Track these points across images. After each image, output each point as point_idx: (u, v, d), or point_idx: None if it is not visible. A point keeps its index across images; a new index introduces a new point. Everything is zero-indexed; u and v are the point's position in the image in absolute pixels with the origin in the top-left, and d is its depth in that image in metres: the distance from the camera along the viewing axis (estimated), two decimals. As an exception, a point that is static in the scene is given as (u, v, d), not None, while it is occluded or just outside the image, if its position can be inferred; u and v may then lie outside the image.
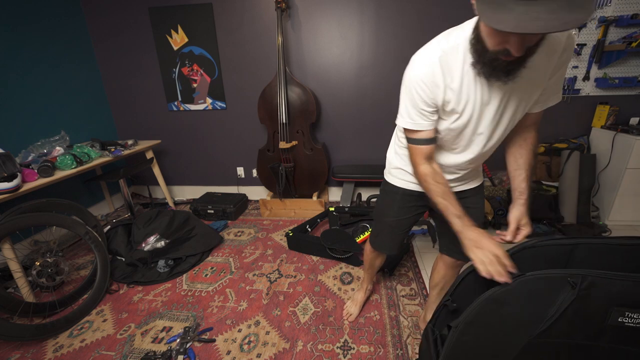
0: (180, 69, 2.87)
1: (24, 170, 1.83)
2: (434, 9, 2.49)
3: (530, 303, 0.72)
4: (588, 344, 0.71)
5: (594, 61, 2.44)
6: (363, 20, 2.58)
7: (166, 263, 2.06)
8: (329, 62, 2.73)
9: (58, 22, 2.59)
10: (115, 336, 1.58)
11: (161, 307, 1.78)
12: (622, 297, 0.66)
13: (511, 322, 0.73)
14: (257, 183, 3.17)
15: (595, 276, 0.66)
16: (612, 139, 2.36)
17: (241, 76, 2.86)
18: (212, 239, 2.34)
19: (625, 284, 0.65)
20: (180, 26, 2.75)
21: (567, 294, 0.68)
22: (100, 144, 2.42)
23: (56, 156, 2.07)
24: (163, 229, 2.26)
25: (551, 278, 0.69)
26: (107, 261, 1.91)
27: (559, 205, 2.41)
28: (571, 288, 0.68)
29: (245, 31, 2.72)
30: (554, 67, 0.80)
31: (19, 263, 1.68)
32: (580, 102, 2.59)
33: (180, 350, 1.45)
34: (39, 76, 2.44)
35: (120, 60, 2.94)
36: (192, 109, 3.01)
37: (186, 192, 3.39)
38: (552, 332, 0.71)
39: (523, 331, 0.72)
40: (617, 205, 2.39)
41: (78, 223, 1.84)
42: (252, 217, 2.90)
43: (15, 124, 2.28)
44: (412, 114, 0.89)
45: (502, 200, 2.53)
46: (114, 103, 3.11)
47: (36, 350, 1.51)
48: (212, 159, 3.21)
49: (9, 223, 1.56)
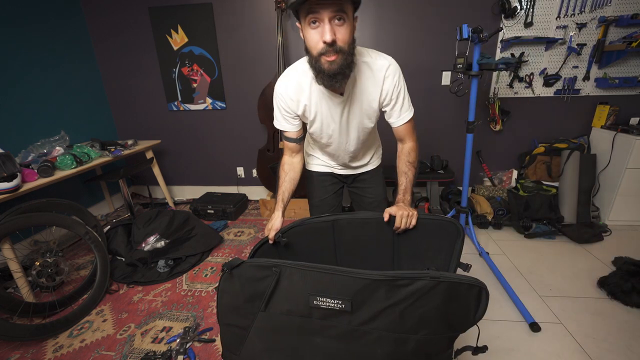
0: (180, 69, 2.87)
1: (24, 170, 1.83)
2: (434, 9, 2.49)
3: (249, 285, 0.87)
4: (305, 320, 0.84)
5: (594, 61, 2.44)
6: (363, 20, 2.58)
7: (166, 263, 2.06)
8: (329, 62, 2.73)
9: (58, 22, 2.59)
10: (115, 336, 1.58)
11: (161, 307, 1.77)
12: (314, 285, 0.80)
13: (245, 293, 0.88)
14: (257, 183, 3.17)
15: (293, 267, 0.81)
16: (612, 139, 2.36)
17: (241, 76, 2.86)
18: (212, 239, 2.34)
19: (315, 274, 0.79)
20: (180, 26, 2.75)
21: (272, 279, 0.84)
22: (100, 144, 2.42)
23: (56, 156, 2.07)
24: (163, 229, 2.26)
25: (262, 266, 0.84)
26: (107, 261, 1.91)
27: (559, 205, 2.41)
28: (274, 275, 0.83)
29: (245, 31, 2.72)
30: (383, 91, 1.08)
31: (19, 263, 1.68)
32: (580, 102, 2.59)
33: (180, 350, 1.44)
34: (39, 76, 2.44)
35: (120, 60, 2.94)
36: (192, 109, 3.01)
37: (186, 192, 3.39)
38: (273, 308, 0.86)
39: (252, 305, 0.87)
40: (617, 205, 2.39)
41: (78, 223, 1.84)
42: (252, 217, 2.90)
43: (15, 124, 2.28)
44: (279, 118, 1.16)
45: (502, 200, 2.53)
46: (114, 103, 3.11)
47: (36, 350, 1.51)
48: (212, 159, 3.21)
49: (9, 223, 1.56)
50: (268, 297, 0.85)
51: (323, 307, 0.81)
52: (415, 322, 0.79)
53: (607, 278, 1.76)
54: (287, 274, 0.83)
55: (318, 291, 0.80)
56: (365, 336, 0.82)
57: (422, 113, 2.78)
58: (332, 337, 0.85)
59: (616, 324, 1.52)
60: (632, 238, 2.27)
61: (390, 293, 0.77)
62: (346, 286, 0.78)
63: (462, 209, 2.20)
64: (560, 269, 1.96)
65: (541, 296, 1.74)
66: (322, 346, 0.87)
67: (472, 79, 1.91)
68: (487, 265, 1.99)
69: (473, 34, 1.76)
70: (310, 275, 0.81)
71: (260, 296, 0.86)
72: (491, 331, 1.50)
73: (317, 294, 0.80)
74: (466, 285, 0.76)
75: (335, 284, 0.79)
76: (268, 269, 0.83)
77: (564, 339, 1.45)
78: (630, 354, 1.36)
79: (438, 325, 0.80)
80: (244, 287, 0.88)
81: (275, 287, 0.84)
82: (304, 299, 0.82)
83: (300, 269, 0.81)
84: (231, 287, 0.90)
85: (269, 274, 0.83)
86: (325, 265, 0.80)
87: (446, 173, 2.64)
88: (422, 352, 0.82)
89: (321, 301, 0.80)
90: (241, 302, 0.89)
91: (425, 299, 0.77)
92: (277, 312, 0.86)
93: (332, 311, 0.81)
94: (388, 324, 0.80)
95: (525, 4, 2.38)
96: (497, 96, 2.62)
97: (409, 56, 2.63)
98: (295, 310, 0.84)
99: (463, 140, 2.08)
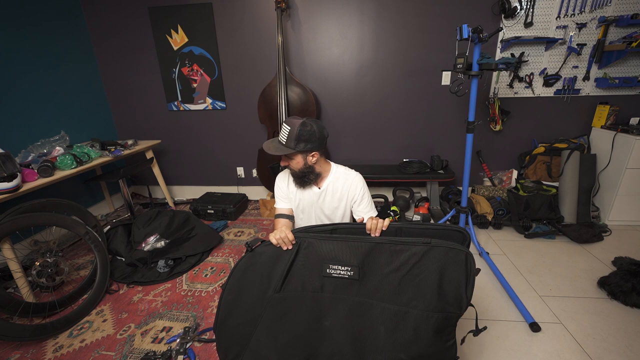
0: (180, 68, 2.87)
1: (24, 170, 1.83)
2: (434, 9, 2.49)
3: (266, 265, 1.00)
4: (317, 296, 0.97)
5: (594, 61, 2.44)
6: (363, 20, 2.58)
7: (166, 263, 2.06)
8: (329, 61, 2.73)
9: (58, 22, 2.58)
10: (115, 336, 1.58)
11: (161, 307, 1.77)
12: (328, 254, 0.96)
13: (257, 281, 1.00)
14: (257, 183, 3.17)
15: (311, 238, 0.97)
16: (612, 139, 2.36)
17: (241, 76, 2.86)
18: (212, 239, 2.34)
19: (328, 244, 0.96)
20: (180, 26, 2.75)
21: (291, 252, 0.97)
22: (100, 144, 2.42)
23: (56, 156, 2.06)
24: (163, 229, 2.26)
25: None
26: (107, 261, 1.91)
27: (559, 205, 2.41)
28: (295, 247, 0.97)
29: (245, 31, 2.72)
30: (349, 197, 1.44)
31: (19, 263, 1.67)
32: (580, 102, 2.59)
33: (180, 350, 1.44)
34: (39, 76, 2.44)
35: (120, 60, 2.93)
36: (192, 108, 3.01)
37: (186, 192, 3.39)
38: (289, 287, 0.98)
39: (266, 287, 0.99)
40: (617, 205, 2.39)
41: (78, 223, 1.83)
42: (252, 217, 2.90)
43: (15, 124, 2.28)
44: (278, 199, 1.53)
45: (502, 200, 2.53)
46: (114, 103, 3.11)
47: (36, 350, 1.51)
48: (212, 159, 3.21)
49: (9, 223, 1.56)
50: (286, 272, 0.97)
51: (335, 276, 0.95)
52: (413, 292, 0.92)
53: (608, 278, 1.76)
54: (305, 245, 0.98)
55: (331, 259, 0.95)
56: (370, 311, 0.94)
57: (422, 113, 2.79)
58: (340, 316, 0.96)
59: (616, 324, 1.52)
60: (632, 238, 2.27)
61: (390, 259, 0.93)
62: (355, 251, 0.94)
63: (462, 209, 2.20)
64: (560, 269, 1.96)
65: (541, 296, 1.74)
66: (330, 329, 0.97)
67: (472, 79, 1.91)
68: (487, 265, 1.99)
69: (473, 34, 1.75)
70: (325, 245, 0.96)
71: (277, 276, 0.98)
72: (491, 331, 1.50)
73: (330, 262, 0.94)
74: (455, 251, 0.89)
75: (346, 251, 0.95)
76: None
77: (564, 339, 1.45)
78: (630, 354, 1.36)
79: (433, 297, 0.90)
80: (263, 267, 1.00)
81: (294, 259, 0.97)
82: (319, 267, 0.96)
83: (317, 239, 0.96)
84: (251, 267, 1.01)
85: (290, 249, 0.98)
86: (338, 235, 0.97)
87: (446, 173, 2.64)
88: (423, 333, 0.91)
89: (333, 269, 0.94)
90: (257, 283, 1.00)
91: (420, 266, 0.91)
92: (292, 290, 0.98)
93: (342, 281, 0.95)
94: (389, 294, 0.93)
95: (525, 4, 2.38)
96: (497, 96, 2.62)
97: (409, 56, 2.63)
98: (309, 284, 0.97)
99: (463, 140, 2.08)
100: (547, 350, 1.40)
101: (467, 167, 2.09)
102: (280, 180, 1.53)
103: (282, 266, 0.97)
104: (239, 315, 1.02)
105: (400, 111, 2.79)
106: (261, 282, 0.99)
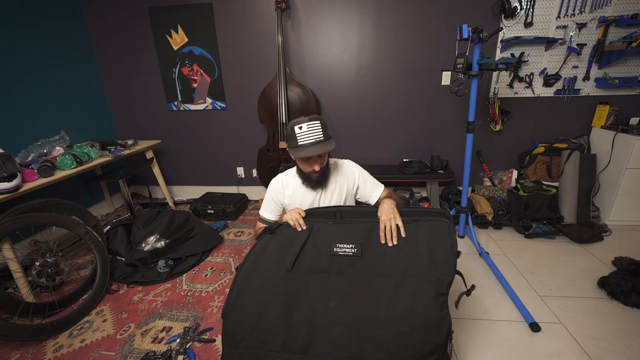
0: (180, 68, 2.87)
1: (24, 170, 1.83)
2: (434, 9, 2.49)
3: (282, 245, 1.16)
4: (324, 277, 1.10)
5: (594, 61, 2.44)
6: (363, 20, 2.58)
7: (166, 263, 2.06)
8: (329, 61, 2.73)
9: (58, 22, 2.59)
10: (115, 336, 1.58)
11: (161, 307, 1.77)
12: (334, 235, 1.13)
13: (272, 259, 1.15)
14: (257, 183, 3.17)
15: (320, 223, 1.17)
16: (612, 139, 2.36)
17: (241, 76, 2.86)
18: (212, 239, 2.34)
19: (334, 227, 1.15)
20: (180, 26, 2.75)
21: (303, 235, 1.14)
22: (100, 144, 2.42)
23: (56, 156, 2.06)
24: (163, 229, 2.26)
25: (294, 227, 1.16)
26: (107, 261, 1.91)
27: (559, 205, 2.41)
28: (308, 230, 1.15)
29: (245, 31, 2.72)
30: (349, 186, 1.44)
31: (19, 263, 1.68)
32: (580, 102, 2.59)
33: (180, 350, 1.44)
34: (39, 76, 2.44)
35: (120, 60, 2.93)
36: (192, 108, 3.01)
37: (186, 192, 3.39)
38: (300, 268, 1.12)
39: (279, 266, 1.13)
40: (617, 205, 2.39)
41: (78, 223, 1.83)
42: (252, 217, 2.90)
43: (15, 124, 2.28)
44: (265, 208, 1.47)
45: (502, 200, 2.53)
46: (114, 103, 3.11)
47: (36, 350, 1.51)
48: (212, 159, 3.21)
49: (9, 223, 1.56)
50: (298, 252, 1.12)
51: (340, 254, 1.09)
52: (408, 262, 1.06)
53: (608, 278, 1.76)
54: (315, 229, 1.15)
55: (338, 239, 1.12)
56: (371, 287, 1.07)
57: (422, 113, 2.79)
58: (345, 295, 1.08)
59: (616, 324, 1.52)
60: (632, 238, 2.27)
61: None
62: (357, 230, 1.13)
63: (462, 209, 2.20)
64: (560, 269, 1.96)
65: (541, 296, 1.74)
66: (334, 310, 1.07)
67: (472, 79, 1.91)
68: (487, 265, 1.99)
69: (473, 34, 1.76)
70: (332, 228, 1.15)
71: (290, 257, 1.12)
72: (491, 331, 1.50)
73: (337, 241, 1.11)
74: (439, 222, 1.08)
75: (349, 231, 1.13)
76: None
77: (564, 339, 1.45)
78: (630, 354, 1.36)
79: (426, 264, 1.05)
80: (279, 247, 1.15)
81: (306, 240, 1.13)
82: (327, 248, 1.11)
83: (327, 224, 1.16)
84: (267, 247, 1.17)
85: (303, 232, 1.15)
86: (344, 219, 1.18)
87: (446, 173, 2.64)
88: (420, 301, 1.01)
89: (339, 247, 1.10)
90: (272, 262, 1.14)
91: (414, 238, 1.09)
92: (302, 270, 1.11)
93: (347, 259, 1.09)
94: (388, 267, 1.07)
95: (525, 4, 2.38)
96: (497, 96, 2.63)
97: (409, 56, 2.63)
98: (318, 263, 1.11)
99: (463, 140, 2.08)
100: (547, 350, 1.40)
101: (467, 167, 2.09)
102: (276, 184, 1.44)
103: (295, 248, 1.12)
104: (251, 296, 1.11)
105: (400, 111, 2.79)
106: (275, 262, 1.13)
